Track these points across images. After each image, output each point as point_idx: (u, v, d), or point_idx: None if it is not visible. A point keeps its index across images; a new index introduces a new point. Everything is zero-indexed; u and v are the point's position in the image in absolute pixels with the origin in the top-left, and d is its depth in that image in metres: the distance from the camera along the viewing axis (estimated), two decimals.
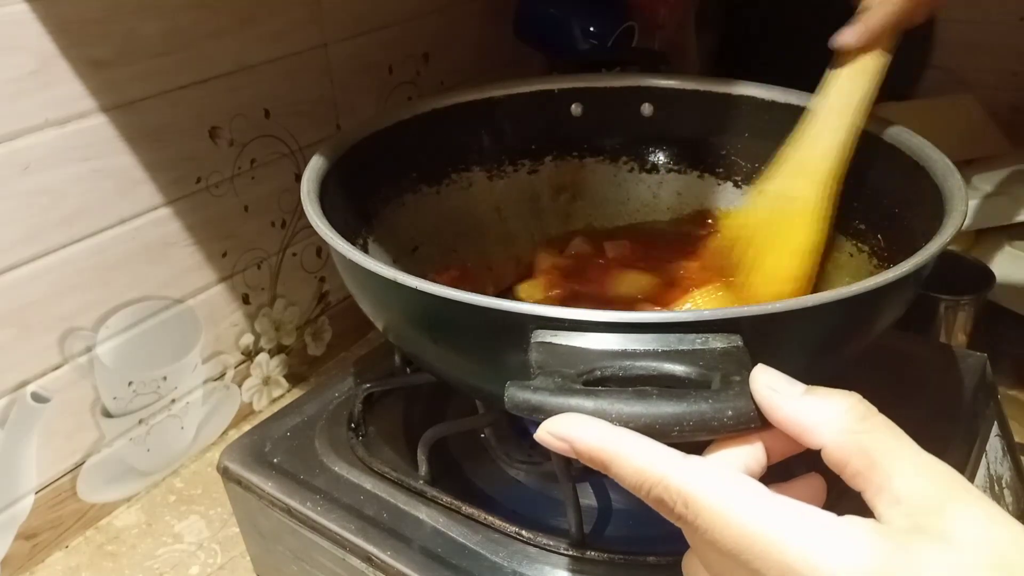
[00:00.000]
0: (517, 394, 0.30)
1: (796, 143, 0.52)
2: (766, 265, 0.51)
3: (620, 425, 0.29)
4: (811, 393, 0.29)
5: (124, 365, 0.65)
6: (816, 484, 0.31)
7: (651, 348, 0.32)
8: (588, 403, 0.29)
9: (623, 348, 0.32)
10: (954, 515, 0.25)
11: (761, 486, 0.27)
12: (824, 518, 0.26)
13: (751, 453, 0.29)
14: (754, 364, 0.30)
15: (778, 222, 0.51)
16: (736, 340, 0.32)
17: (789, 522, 0.25)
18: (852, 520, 0.25)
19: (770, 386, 0.29)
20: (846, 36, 0.48)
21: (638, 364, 0.31)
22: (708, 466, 0.28)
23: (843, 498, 0.29)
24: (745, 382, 0.29)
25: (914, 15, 0.46)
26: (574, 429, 0.29)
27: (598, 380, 0.31)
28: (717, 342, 0.32)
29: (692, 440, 0.29)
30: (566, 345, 0.32)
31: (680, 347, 0.31)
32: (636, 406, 0.29)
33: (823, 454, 0.28)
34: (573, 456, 0.29)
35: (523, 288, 0.57)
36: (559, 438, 0.29)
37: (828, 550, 0.25)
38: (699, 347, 0.31)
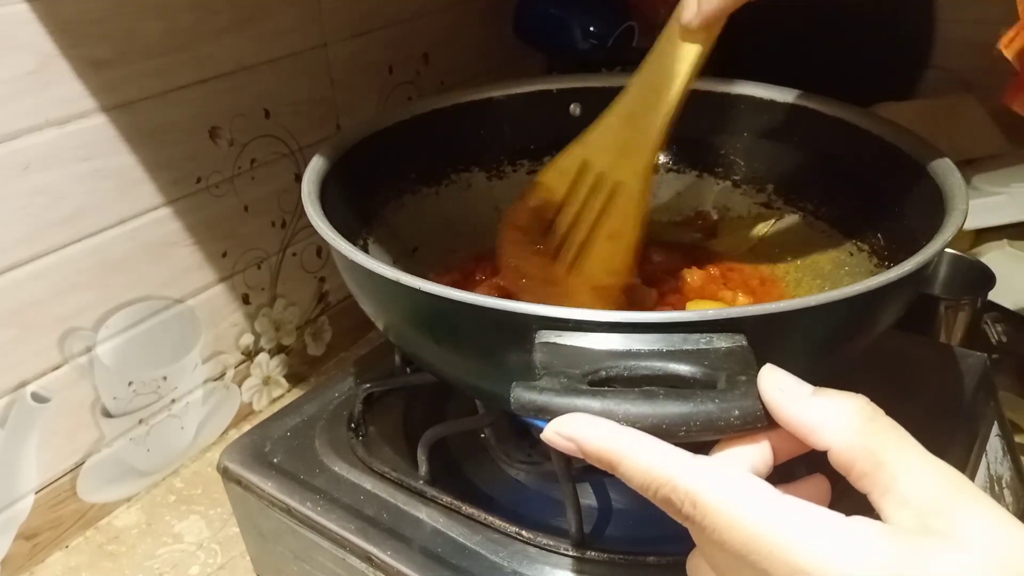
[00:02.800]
0: (523, 395, 0.30)
1: (617, 115, 0.50)
2: (601, 253, 0.51)
3: (627, 425, 0.29)
4: (819, 394, 0.28)
5: (124, 365, 0.64)
6: (821, 485, 0.31)
7: (656, 348, 0.32)
8: (595, 403, 0.29)
9: (628, 348, 0.32)
10: (960, 516, 0.25)
11: (769, 486, 0.27)
12: (832, 519, 0.26)
13: (758, 453, 0.29)
14: (758, 363, 0.30)
15: (603, 207, 0.51)
16: (740, 340, 0.32)
17: (798, 523, 0.25)
18: (860, 521, 0.26)
19: (778, 386, 0.29)
20: (686, 15, 0.45)
21: (643, 364, 0.31)
22: (716, 466, 0.28)
23: (844, 497, 0.29)
24: (751, 382, 0.29)
25: (738, 4, 0.44)
26: (582, 429, 0.29)
27: (603, 380, 0.31)
28: (721, 342, 0.31)
29: (699, 440, 0.29)
30: (570, 345, 0.32)
31: (685, 347, 0.31)
32: (643, 406, 0.29)
33: (830, 455, 0.28)
34: (580, 456, 0.29)
35: None
36: (567, 438, 0.29)
37: (837, 551, 0.25)
38: (704, 347, 0.31)
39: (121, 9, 0.57)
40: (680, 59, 0.47)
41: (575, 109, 0.62)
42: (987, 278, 0.68)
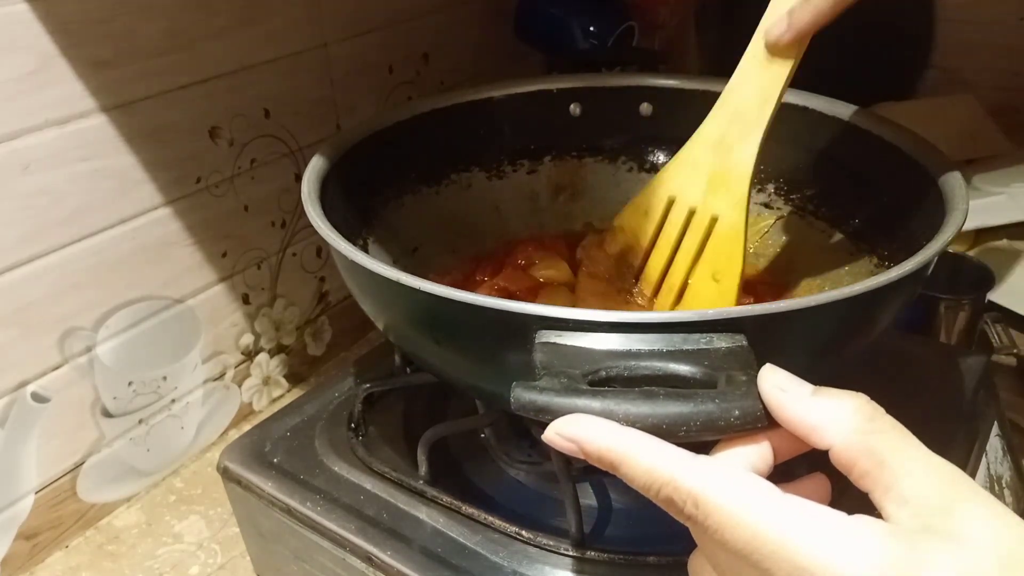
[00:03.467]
0: (523, 395, 0.30)
1: (704, 145, 0.47)
2: (704, 296, 0.47)
3: (627, 425, 0.29)
4: (819, 393, 0.28)
5: (124, 365, 0.64)
6: (822, 484, 0.31)
7: (656, 348, 0.32)
8: (595, 403, 0.29)
9: (628, 348, 0.32)
10: (963, 515, 0.25)
11: (771, 486, 0.27)
12: (834, 518, 0.26)
13: (758, 453, 0.29)
14: (759, 363, 0.30)
15: (699, 243, 0.47)
16: (740, 340, 0.32)
17: (800, 522, 0.25)
18: (862, 520, 0.26)
19: (778, 386, 0.29)
20: (775, 31, 0.43)
21: (643, 364, 0.31)
22: (718, 466, 0.28)
23: (843, 497, 0.29)
24: (751, 382, 0.29)
25: (834, 13, 0.42)
26: (583, 430, 0.29)
27: (603, 380, 0.31)
28: (721, 342, 0.32)
29: (699, 440, 0.29)
30: (571, 345, 0.32)
31: (685, 347, 0.31)
32: (643, 406, 0.29)
33: (831, 454, 0.28)
34: (581, 457, 0.29)
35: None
36: (568, 439, 0.29)
37: (839, 550, 0.25)
38: (704, 347, 0.31)
39: (121, 9, 0.57)
40: (771, 79, 0.45)
41: (575, 109, 0.63)
42: (987, 278, 0.68)
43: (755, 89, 0.45)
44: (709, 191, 0.47)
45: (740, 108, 0.46)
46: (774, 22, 0.43)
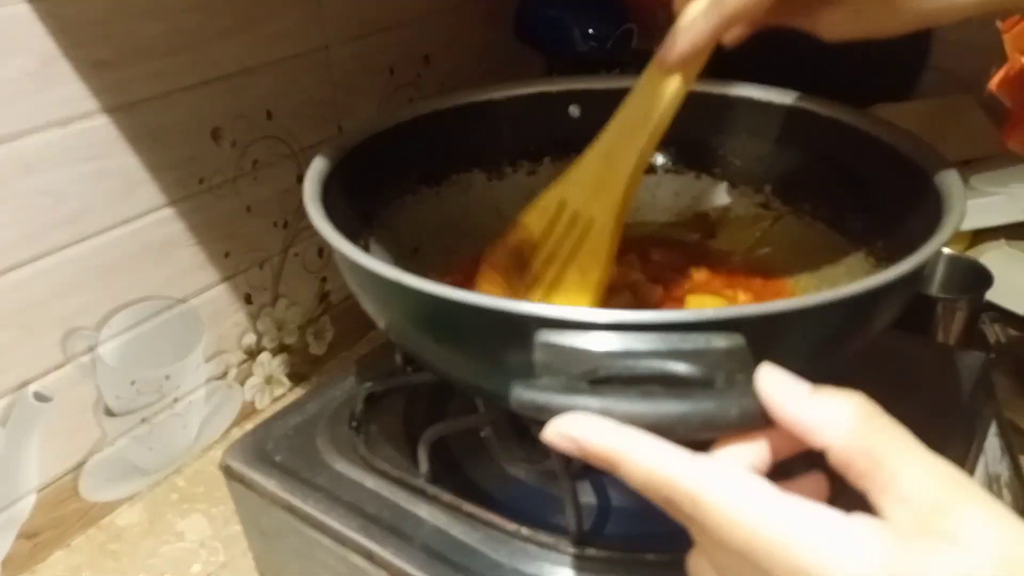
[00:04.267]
0: (523, 394, 0.30)
1: (597, 153, 0.50)
2: (566, 290, 0.50)
3: (626, 424, 0.29)
4: (817, 393, 0.28)
5: (127, 364, 0.65)
6: (819, 483, 0.31)
7: (654, 348, 0.32)
8: (594, 402, 0.29)
9: (626, 348, 0.32)
10: (960, 515, 0.25)
11: (769, 484, 0.27)
12: (832, 517, 0.26)
13: (756, 451, 0.29)
14: (756, 363, 0.30)
15: (578, 245, 0.51)
16: (738, 339, 0.32)
17: (798, 521, 0.26)
18: (860, 519, 0.26)
19: (776, 385, 0.29)
20: (662, 54, 0.45)
21: (642, 364, 0.32)
22: (716, 465, 0.28)
23: (841, 496, 0.29)
24: (749, 381, 0.29)
25: (710, 44, 0.44)
26: (582, 429, 0.29)
27: (602, 380, 0.31)
28: (720, 341, 0.32)
29: (697, 439, 0.29)
30: (570, 345, 0.32)
31: (683, 347, 0.32)
32: (642, 405, 0.29)
33: (828, 454, 0.28)
34: (581, 456, 0.29)
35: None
36: (567, 438, 0.29)
37: (837, 549, 0.25)
38: (702, 347, 0.32)
39: (123, 10, 0.58)
40: (657, 96, 0.47)
41: (574, 110, 0.63)
42: (985, 278, 0.68)
43: (643, 105, 0.48)
44: (591, 196, 0.50)
45: (630, 121, 0.49)
46: (665, 43, 0.45)
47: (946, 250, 0.70)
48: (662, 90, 0.47)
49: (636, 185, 0.50)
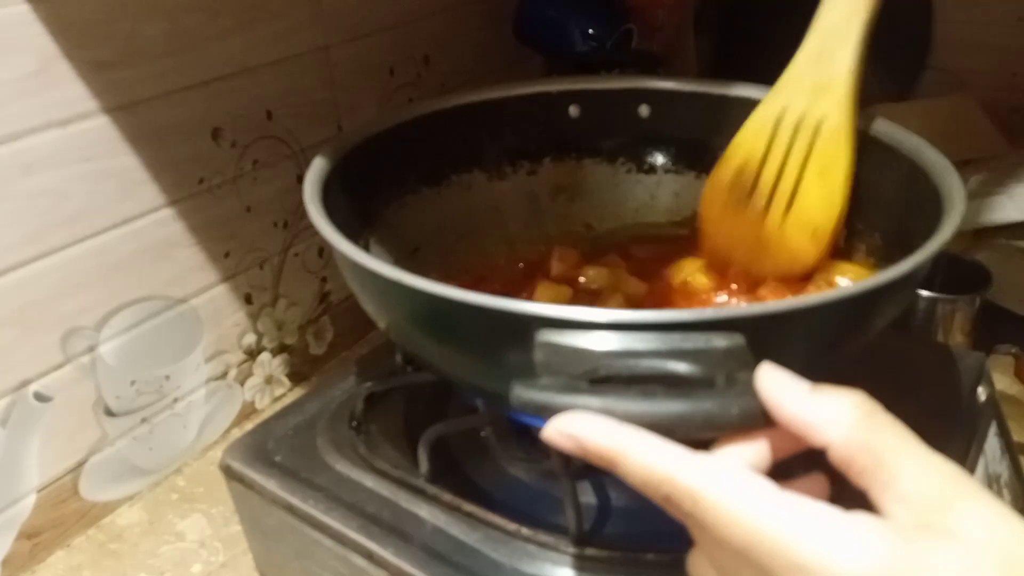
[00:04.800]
0: (523, 393, 0.30)
1: (806, 60, 0.51)
2: (812, 194, 0.50)
3: (626, 423, 0.29)
4: (817, 391, 0.29)
5: (127, 364, 0.65)
6: (820, 482, 0.31)
7: (654, 347, 0.32)
8: (595, 402, 0.29)
9: (627, 347, 0.32)
10: (960, 512, 0.25)
11: (769, 483, 0.27)
12: (833, 515, 0.26)
13: (756, 450, 0.29)
14: (757, 362, 0.30)
15: (811, 148, 0.50)
16: (739, 339, 0.32)
17: (798, 519, 0.26)
18: (861, 517, 0.26)
19: (776, 384, 0.29)
20: None
21: (642, 363, 0.32)
22: (716, 464, 0.28)
23: (841, 495, 0.29)
24: (749, 380, 0.30)
25: None
26: (582, 428, 0.29)
27: (602, 379, 0.31)
28: (720, 341, 0.32)
29: (698, 438, 0.29)
30: (570, 344, 0.32)
31: (683, 346, 0.32)
32: (642, 404, 0.29)
33: (829, 452, 0.28)
34: (581, 455, 0.29)
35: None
36: (567, 437, 0.29)
37: (837, 547, 0.25)
38: (702, 346, 0.32)
39: (123, 10, 0.58)
40: None
41: (574, 111, 0.63)
42: (985, 278, 0.68)
43: (844, 4, 0.48)
44: (813, 99, 0.50)
45: (832, 23, 0.49)
46: None
47: (946, 250, 0.70)
48: None
49: (861, 79, 0.49)
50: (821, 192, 0.50)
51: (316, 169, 0.49)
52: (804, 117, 0.51)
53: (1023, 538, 0.25)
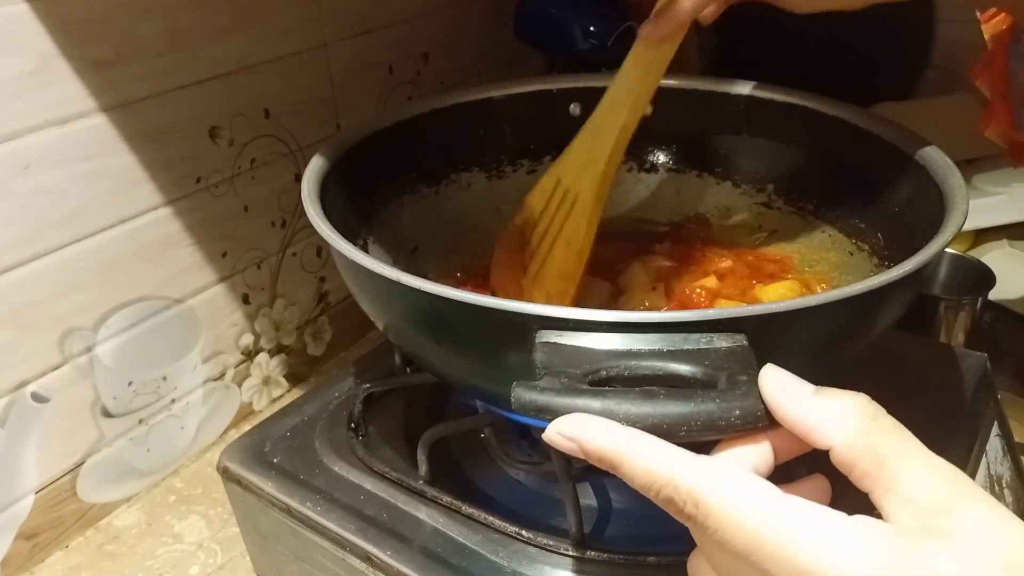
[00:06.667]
0: (524, 394, 0.30)
1: (588, 131, 0.53)
2: (556, 260, 0.54)
3: (628, 425, 0.29)
4: (820, 393, 0.28)
5: (124, 365, 0.64)
6: (821, 485, 0.31)
7: (656, 348, 0.32)
8: (595, 403, 0.29)
9: (628, 348, 0.32)
10: (963, 516, 0.25)
11: (771, 486, 0.27)
12: (835, 518, 0.26)
13: (759, 453, 0.29)
14: (759, 363, 0.30)
15: (564, 217, 0.54)
16: (741, 339, 0.32)
17: (800, 522, 0.25)
18: (862, 520, 0.26)
19: (779, 386, 0.29)
20: (648, 30, 0.48)
21: (643, 364, 0.31)
22: (718, 466, 0.28)
23: (844, 497, 0.29)
24: (752, 382, 0.29)
25: (708, 8, 0.47)
26: (583, 429, 0.29)
27: (603, 380, 0.31)
28: (722, 341, 0.32)
29: (700, 440, 0.29)
30: (571, 345, 0.32)
31: (685, 347, 0.31)
32: (644, 406, 0.29)
33: (832, 454, 0.28)
34: (582, 456, 0.29)
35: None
36: (568, 438, 0.29)
37: (839, 550, 0.25)
38: (704, 347, 0.31)
39: (121, 9, 0.57)
40: (638, 72, 0.50)
41: (575, 109, 0.62)
42: (987, 278, 0.68)
43: (627, 80, 0.51)
44: (579, 173, 0.53)
45: (614, 98, 0.52)
46: (647, 21, 0.48)
47: (949, 250, 0.70)
48: (643, 66, 0.50)
49: (618, 159, 0.53)
50: (561, 259, 0.54)
51: (314, 168, 0.49)
52: (569, 189, 0.54)
53: None
